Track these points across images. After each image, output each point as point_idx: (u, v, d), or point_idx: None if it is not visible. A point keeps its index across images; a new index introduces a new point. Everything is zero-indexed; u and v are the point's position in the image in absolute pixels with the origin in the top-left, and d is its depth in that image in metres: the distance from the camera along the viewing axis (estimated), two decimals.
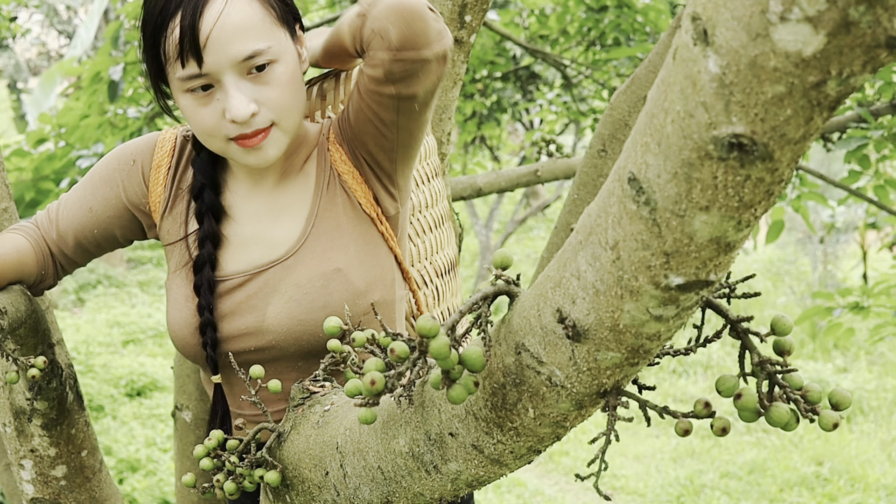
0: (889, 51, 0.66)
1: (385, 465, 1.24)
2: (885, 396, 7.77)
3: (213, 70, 1.47)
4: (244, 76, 1.49)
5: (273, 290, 1.59)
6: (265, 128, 1.51)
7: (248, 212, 1.64)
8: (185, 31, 1.45)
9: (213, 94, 1.50)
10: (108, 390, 7.58)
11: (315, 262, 1.59)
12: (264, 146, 1.52)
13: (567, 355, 0.95)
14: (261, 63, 1.49)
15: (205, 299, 1.60)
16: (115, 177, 1.69)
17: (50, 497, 1.98)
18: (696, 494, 6.27)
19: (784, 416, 0.96)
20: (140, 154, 1.70)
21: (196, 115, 1.52)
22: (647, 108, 0.79)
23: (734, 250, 0.82)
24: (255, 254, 1.62)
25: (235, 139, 1.51)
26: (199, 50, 1.46)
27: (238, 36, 1.47)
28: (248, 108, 1.48)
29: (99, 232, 1.69)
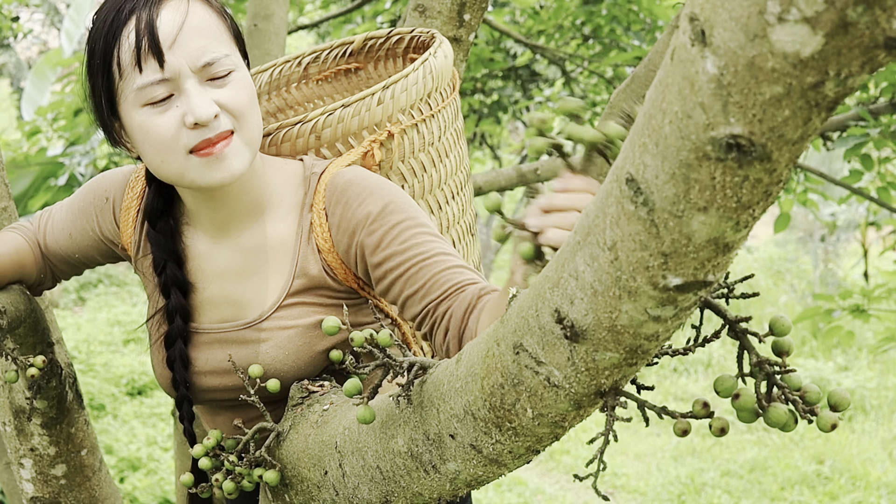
0: (887, 51, 0.66)
1: (384, 465, 1.24)
2: (886, 395, 7.77)
3: (173, 73, 1.40)
4: (204, 83, 1.43)
5: (254, 351, 1.55)
6: (227, 132, 1.44)
7: (213, 272, 1.59)
8: (142, 32, 1.39)
9: (171, 102, 1.42)
10: (109, 389, 7.59)
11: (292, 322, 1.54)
12: (227, 155, 1.43)
13: (565, 355, 0.95)
14: (221, 70, 1.43)
15: (179, 374, 1.58)
16: (90, 210, 1.66)
17: (50, 496, 1.98)
18: (696, 493, 6.27)
19: (782, 416, 0.96)
20: (113, 192, 1.65)
21: (154, 128, 1.43)
22: (644, 109, 0.79)
23: (732, 251, 0.82)
24: (227, 313, 1.59)
25: (196, 149, 1.43)
26: (159, 50, 1.39)
27: (198, 37, 1.42)
28: (211, 110, 1.41)
29: (80, 255, 1.68)
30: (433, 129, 1.68)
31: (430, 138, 1.67)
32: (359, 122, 1.60)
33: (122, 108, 1.45)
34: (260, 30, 3.08)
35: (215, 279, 1.59)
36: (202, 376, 1.59)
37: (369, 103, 1.60)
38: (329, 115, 1.60)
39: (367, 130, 1.61)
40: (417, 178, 1.67)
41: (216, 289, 1.59)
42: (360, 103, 1.60)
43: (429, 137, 1.67)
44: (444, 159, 1.71)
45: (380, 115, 1.60)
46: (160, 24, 1.40)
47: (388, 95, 1.60)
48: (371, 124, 1.60)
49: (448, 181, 1.73)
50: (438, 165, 1.70)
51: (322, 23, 5.00)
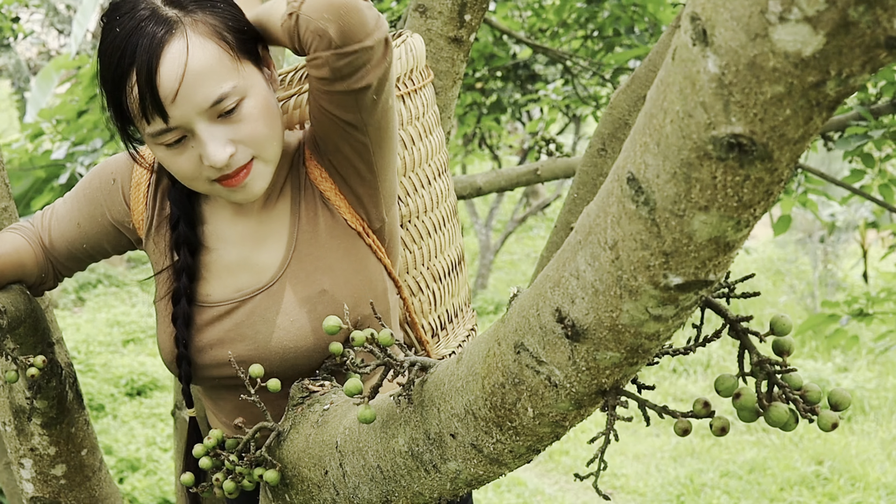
0: (888, 51, 0.66)
1: (384, 465, 1.24)
2: (886, 396, 7.76)
3: (181, 123, 1.42)
4: (215, 120, 1.44)
5: (261, 318, 1.57)
6: (246, 164, 1.47)
7: (234, 237, 1.61)
8: (144, 90, 1.40)
9: (186, 143, 1.45)
10: (109, 389, 7.58)
11: (300, 286, 1.56)
12: (248, 182, 1.49)
13: (566, 355, 0.95)
14: (229, 106, 1.44)
15: (181, 333, 1.59)
16: (98, 196, 1.67)
17: (50, 496, 1.98)
18: (696, 493, 6.27)
19: (783, 415, 0.96)
20: (119, 172, 1.67)
21: (173, 165, 1.48)
22: (646, 108, 0.79)
23: (733, 250, 0.82)
24: (242, 280, 1.60)
25: (218, 180, 1.48)
26: (162, 108, 1.41)
27: (200, 84, 1.42)
28: (226, 153, 1.44)
29: (88, 245, 1.68)
30: (417, 104, 1.73)
31: (415, 112, 1.72)
32: None
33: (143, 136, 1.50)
34: None
35: (234, 244, 1.61)
36: (206, 350, 1.60)
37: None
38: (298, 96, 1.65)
39: None
40: (408, 151, 1.72)
41: (235, 253, 1.61)
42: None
43: (415, 112, 1.72)
44: (429, 136, 1.76)
45: None
46: (160, 80, 1.40)
47: None
48: None
49: (432, 159, 1.78)
50: (425, 140, 1.76)
51: None
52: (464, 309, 1.92)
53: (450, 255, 1.85)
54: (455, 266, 1.87)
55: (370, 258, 1.60)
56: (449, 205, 1.86)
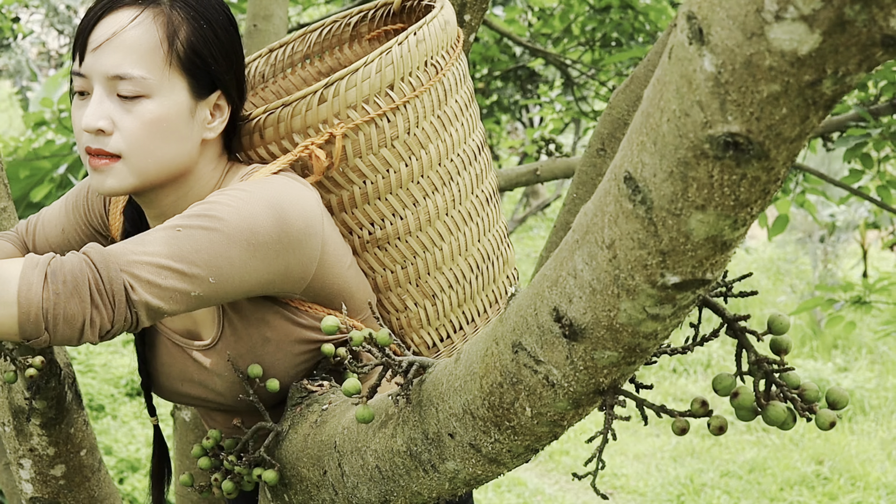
0: (885, 49, 0.66)
1: (383, 464, 1.24)
2: (886, 395, 7.76)
3: (87, 73, 1.45)
4: (113, 95, 1.44)
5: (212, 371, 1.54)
6: (111, 154, 1.44)
7: None
8: (84, 28, 1.46)
9: (86, 101, 1.47)
10: (109, 390, 7.58)
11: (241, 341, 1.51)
12: (105, 172, 1.45)
13: (564, 354, 0.95)
14: (128, 90, 1.42)
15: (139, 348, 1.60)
16: (83, 205, 1.69)
17: (49, 496, 1.98)
18: (696, 493, 6.27)
19: (781, 414, 0.96)
20: None
21: (72, 116, 1.50)
22: (642, 108, 0.79)
23: (730, 249, 0.82)
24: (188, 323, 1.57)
25: (88, 152, 1.46)
26: (84, 48, 1.45)
27: (118, 51, 1.42)
28: (96, 122, 1.43)
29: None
30: (398, 122, 1.56)
31: (392, 133, 1.56)
32: (301, 121, 1.53)
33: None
34: (260, 30, 3.09)
35: None
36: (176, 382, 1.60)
37: (310, 101, 1.52)
38: (270, 113, 1.54)
39: (312, 129, 1.53)
40: (381, 174, 1.56)
41: None
42: (300, 102, 1.53)
43: (391, 132, 1.56)
44: (419, 152, 1.59)
45: (324, 112, 1.52)
46: (98, 27, 1.45)
47: (332, 93, 1.51)
48: (315, 122, 1.52)
49: (428, 173, 1.61)
50: (410, 159, 1.58)
51: (322, 19, 4.99)
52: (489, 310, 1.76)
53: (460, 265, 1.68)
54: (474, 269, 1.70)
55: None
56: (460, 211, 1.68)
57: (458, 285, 1.68)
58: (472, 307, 1.72)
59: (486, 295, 1.74)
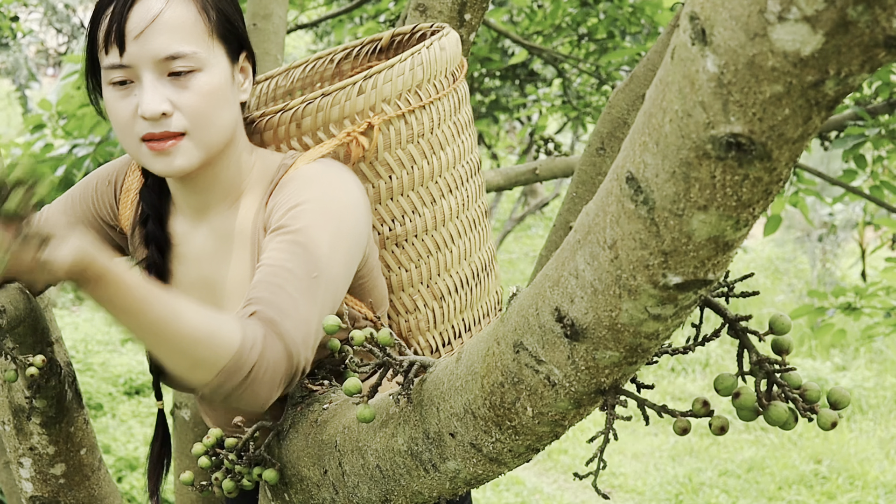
0: (887, 50, 0.66)
1: (383, 464, 1.24)
2: (884, 395, 7.77)
3: (132, 62, 1.44)
4: (164, 77, 1.45)
5: None
6: (175, 133, 1.46)
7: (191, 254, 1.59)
8: (114, 17, 1.44)
9: (131, 90, 1.46)
10: (107, 389, 7.58)
11: None
12: (172, 153, 1.46)
13: (565, 354, 0.95)
14: (182, 67, 1.44)
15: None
16: (91, 195, 1.69)
17: (49, 495, 1.98)
18: (694, 493, 6.27)
19: (782, 414, 0.96)
20: (116, 174, 1.69)
21: (114, 109, 1.48)
22: (645, 108, 0.80)
23: (732, 249, 0.82)
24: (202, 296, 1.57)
25: (146, 139, 1.46)
26: (122, 38, 1.43)
27: (163, 33, 1.44)
28: (160, 106, 1.44)
29: None
30: (423, 120, 1.65)
31: (419, 129, 1.64)
32: (339, 111, 1.58)
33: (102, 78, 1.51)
34: (259, 29, 3.08)
35: (193, 262, 1.59)
36: None
37: (349, 92, 1.58)
38: (309, 103, 1.59)
39: (349, 119, 1.59)
40: (406, 170, 1.64)
41: (193, 272, 1.59)
42: (340, 92, 1.58)
43: (418, 129, 1.64)
44: (440, 152, 1.67)
45: (361, 104, 1.58)
46: (132, 14, 1.44)
47: (370, 85, 1.58)
48: (352, 113, 1.58)
49: (444, 174, 1.68)
50: (431, 157, 1.66)
51: (321, 22, 5.00)
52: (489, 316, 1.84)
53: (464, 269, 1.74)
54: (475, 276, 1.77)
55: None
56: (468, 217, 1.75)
57: (462, 290, 1.74)
58: (472, 314, 1.78)
59: (482, 305, 1.80)
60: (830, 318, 4.13)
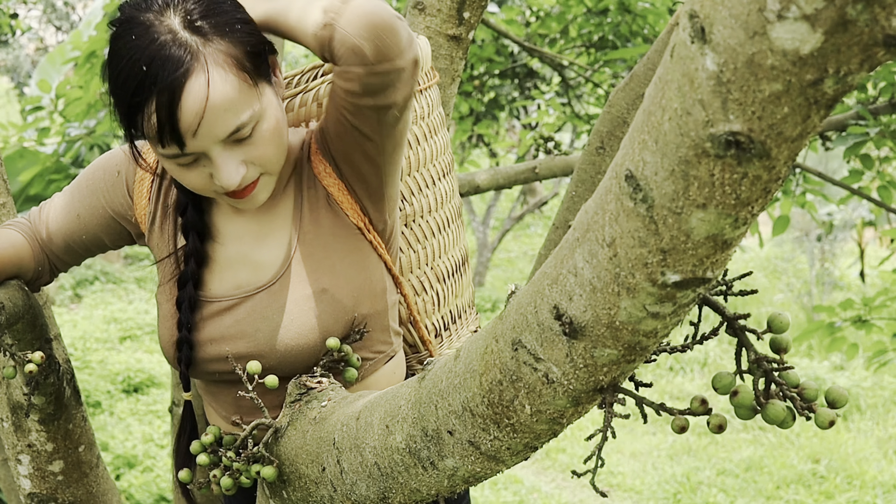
0: (886, 49, 0.66)
1: (382, 461, 1.24)
2: (882, 394, 7.77)
3: (195, 150, 1.42)
4: (230, 145, 1.44)
5: (261, 315, 1.56)
6: (254, 181, 1.49)
7: (233, 233, 1.61)
8: (164, 121, 1.39)
9: (199, 162, 1.46)
10: (105, 386, 7.58)
11: (301, 285, 1.56)
12: (255, 194, 1.51)
13: (564, 352, 0.95)
14: (245, 132, 1.44)
15: (184, 316, 1.59)
16: (100, 186, 1.67)
17: (47, 492, 1.98)
18: (692, 491, 6.27)
19: (780, 413, 0.96)
20: (124, 165, 1.67)
21: (183, 178, 1.48)
22: (644, 106, 0.80)
23: (731, 248, 0.82)
24: (242, 276, 1.60)
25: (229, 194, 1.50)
26: (180, 138, 1.40)
27: (220, 117, 1.41)
28: (238, 175, 1.45)
29: (87, 237, 1.68)
30: (423, 104, 1.74)
31: (420, 112, 1.74)
32: None
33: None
34: None
35: (233, 242, 1.61)
36: (207, 344, 1.59)
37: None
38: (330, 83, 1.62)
39: None
40: (413, 151, 1.73)
41: (234, 249, 1.61)
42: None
43: (419, 112, 1.74)
44: (434, 136, 1.77)
45: None
46: (182, 114, 1.39)
47: None
48: None
49: (436, 160, 1.78)
50: (429, 141, 1.76)
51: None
52: (467, 310, 1.92)
53: (454, 256, 1.84)
54: (459, 267, 1.86)
55: (371, 256, 1.60)
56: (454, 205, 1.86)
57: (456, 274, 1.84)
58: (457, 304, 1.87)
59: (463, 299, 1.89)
60: (841, 330, 4.12)
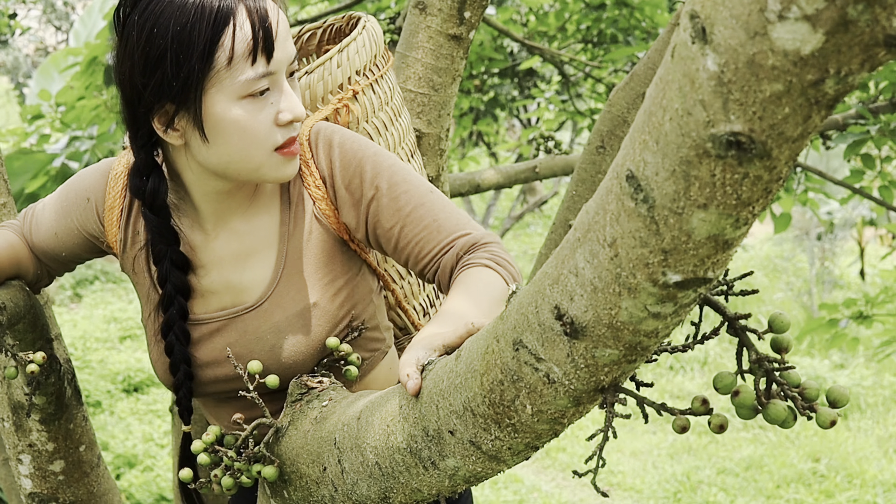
0: (887, 49, 0.66)
1: (383, 461, 1.24)
2: (882, 393, 7.77)
3: (277, 69, 1.43)
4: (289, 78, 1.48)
5: (254, 337, 1.56)
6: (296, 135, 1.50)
7: (212, 259, 1.58)
8: (257, 24, 1.39)
9: (267, 99, 1.44)
10: (106, 386, 7.58)
11: (291, 303, 1.56)
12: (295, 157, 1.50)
13: (565, 352, 0.95)
14: (296, 67, 1.49)
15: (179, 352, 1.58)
16: (73, 211, 1.64)
17: (48, 492, 1.98)
18: (692, 491, 6.28)
19: (781, 413, 0.96)
20: (93, 192, 1.63)
21: (250, 123, 1.43)
22: (645, 106, 0.80)
23: (732, 248, 0.82)
24: (226, 299, 1.59)
25: (282, 147, 1.46)
26: (272, 42, 1.41)
27: (287, 36, 1.45)
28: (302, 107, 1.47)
29: (67, 254, 1.67)
30: (385, 88, 1.78)
31: (384, 97, 1.77)
32: (323, 87, 1.68)
33: (209, 96, 1.41)
34: None
35: (213, 267, 1.59)
36: (202, 368, 1.59)
37: (330, 67, 1.68)
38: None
39: (332, 93, 1.69)
40: (382, 137, 1.75)
41: (215, 276, 1.59)
42: (321, 68, 1.68)
43: (383, 97, 1.76)
44: (397, 120, 1.80)
45: (340, 77, 1.69)
46: (271, 17, 1.42)
47: (345, 57, 1.69)
48: (334, 87, 1.69)
49: (403, 142, 1.81)
50: (395, 124, 1.79)
51: (321, 18, 4.99)
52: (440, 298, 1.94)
53: None
54: None
55: (356, 262, 1.60)
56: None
57: None
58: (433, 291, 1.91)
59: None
60: (844, 329, 4.12)
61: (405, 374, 1.18)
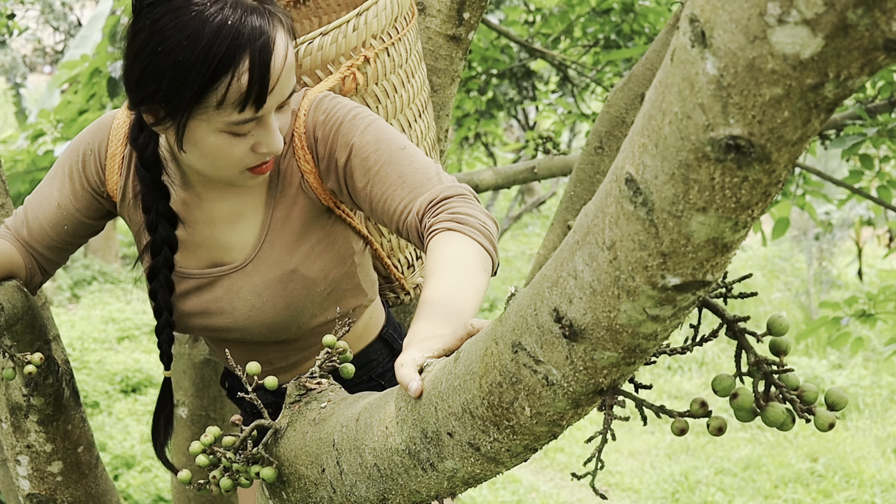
0: (887, 53, 0.66)
1: (381, 463, 1.24)
2: (880, 393, 7.78)
3: (265, 113, 1.45)
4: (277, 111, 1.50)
5: (237, 295, 1.64)
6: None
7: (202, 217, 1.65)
8: (255, 78, 1.41)
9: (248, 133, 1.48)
10: (104, 387, 7.57)
11: (272, 268, 1.62)
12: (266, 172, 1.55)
13: (564, 354, 0.95)
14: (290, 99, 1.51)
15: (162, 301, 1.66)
16: (74, 168, 1.69)
17: (46, 493, 1.98)
18: (690, 491, 6.28)
19: (780, 415, 0.97)
20: (95, 142, 1.69)
21: (225, 152, 1.48)
22: (644, 109, 0.80)
23: (731, 251, 0.82)
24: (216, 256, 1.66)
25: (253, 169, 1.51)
26: (265, 96, 1.42)
27: (288, 78, 1.46)
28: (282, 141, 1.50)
29: (69, 226, 1.70)
30: (401, 51, 1.79)
31: (398, 60, 1.78)
32: (336, 49, 1.68)
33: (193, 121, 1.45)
34: None
35: (204, 224, 1.65)
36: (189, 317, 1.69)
37: (345, 30, 1.68)
38: (309, 43, 1.67)
39: (344, 56, 1.69)
40: (390, 99, 1.78)
41: (206, 232, 1.66)
42: (337, 31, 1.68)
43: (398, 60, 1.78)
44: (411, 79, 1.82)
45: (355, 41, 1.69)
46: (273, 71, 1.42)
47: (362, 21, 1.69)
48: (347, 50, 1.69)
49: (415, 100, 1.83)
50: (407, 86, 1.80)
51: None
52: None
53: None
54: None
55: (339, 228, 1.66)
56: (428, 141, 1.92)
57: None
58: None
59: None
60: (846, 327, 4.12)
61: (404, 374, 1.18)
